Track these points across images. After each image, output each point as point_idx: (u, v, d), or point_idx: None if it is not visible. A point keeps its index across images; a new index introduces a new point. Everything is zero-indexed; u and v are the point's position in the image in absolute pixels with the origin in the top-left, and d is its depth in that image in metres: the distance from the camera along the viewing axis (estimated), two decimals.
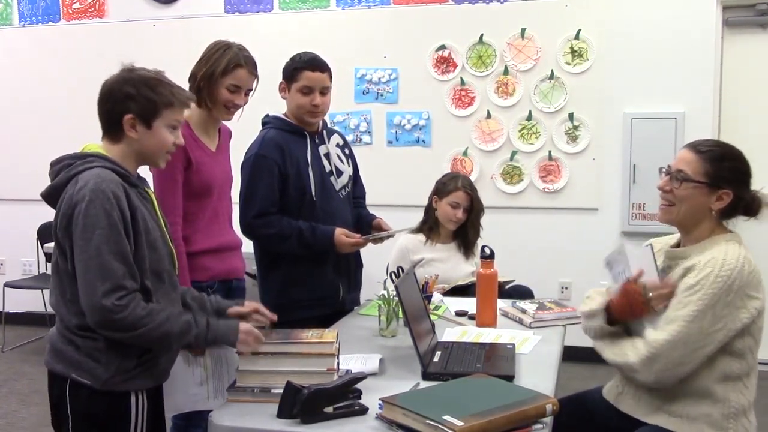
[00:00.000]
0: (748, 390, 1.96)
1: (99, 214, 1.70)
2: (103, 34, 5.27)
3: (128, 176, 1.83)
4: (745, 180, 2.01)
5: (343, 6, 4.94)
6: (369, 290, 3.03)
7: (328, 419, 1.68)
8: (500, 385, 1.81)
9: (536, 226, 4.74)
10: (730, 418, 1.92)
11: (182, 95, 1.88)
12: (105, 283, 1.69)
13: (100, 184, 1.72)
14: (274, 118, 2.77)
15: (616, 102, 4.55)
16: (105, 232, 1.70)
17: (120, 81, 1.83)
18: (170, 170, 2.42)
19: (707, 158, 1.98)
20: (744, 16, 4.52)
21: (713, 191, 1.97)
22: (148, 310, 1.75)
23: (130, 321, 1.71)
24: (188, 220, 2.49)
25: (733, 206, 1.99)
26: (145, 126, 1.83)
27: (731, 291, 1.86)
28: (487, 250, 2.61)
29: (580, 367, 3.99)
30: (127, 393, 1.81)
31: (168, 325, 1.77)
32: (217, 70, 2.47)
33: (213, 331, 1.84)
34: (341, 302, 2.82)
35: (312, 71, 2.66)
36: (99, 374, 1.76)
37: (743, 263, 1.89)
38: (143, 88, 1.81)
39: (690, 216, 2.00)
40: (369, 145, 4.93)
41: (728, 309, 1.86)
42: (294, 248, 2.66)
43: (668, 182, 2.01)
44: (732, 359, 1.92)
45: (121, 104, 1.81)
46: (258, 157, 2.66)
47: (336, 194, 2.80)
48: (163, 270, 1.87)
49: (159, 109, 1.83)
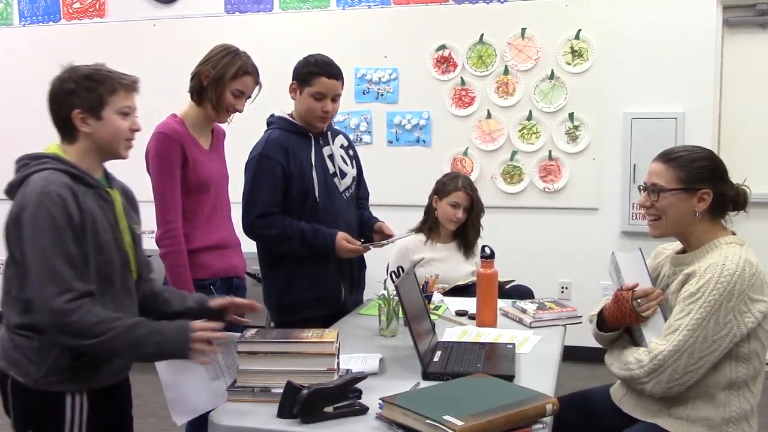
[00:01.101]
0: (753, 395, 1.94)
1: (45, 217, 1.70)
2: (103, 34, 5.26)
3: (84, 177, 1.82)
4: (720, 175, 2.00)
5: (343, 6, 4.94)
6: (369, 290, 3.02)
7: (328, 419, 1.68)
8: (500, 385, 1.81)
9: (536, 226, 4.74)
10: (730, 423, 1.91)
11: (126, 79, 1.87)
12: (54, 286, 1.69)
13: (46, 187, 1.73)
14: (279, 118, 2.77)
15: (616, 102, 4.55)
16: (51, 235, 1.70)
17: (60, 80, 1.84)
18: (169, 168, 2.44)
19: (677, 164, 1.99)
20: (744, 16, 4.52)
21: (692, 194, 1.97)
22: (99, 319, 1.72)
23: (79, 327, 1.69)
24: (187, 217, 2.51)
25: (718, 204, 1.98)
26: (95, 118, 1.82)
27: (733, 296, 1.84)
28: (487, 250, 2.61)
29: (580, 367, 4.00)
30: (61, 393, 1.80)
31: (115, 342, 1.73)
32: (227, 74, 2.49)
33: (164, 349, 1.79)
34: (343, 303, 2.81)
35: (328, 78, 2.66)
36: (31, 373, 1.77)
37: (744, 266, 1.86)
38: (83, 81, 1.82)
39: (678, 223, 2.00)
40: (369, 145, 4.93)
41: (732, 315, 1.84)
42: (296, 249, 2.66)
43: (647, 198, 2.02)
44: (738, 364, 1.90)
45: (66, 102, 1.82)
46: (262, 158, 2.66)
47: (339, 195, 2.80)
48: (112, 273, 1.84)
49: (104, 98, 1.82)
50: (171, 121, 2.52)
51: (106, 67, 1.89)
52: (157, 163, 2.46)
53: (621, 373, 2.00)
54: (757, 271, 1.89)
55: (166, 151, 2.44)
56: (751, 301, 1.86)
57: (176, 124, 2.51)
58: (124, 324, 1.75)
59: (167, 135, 2.45)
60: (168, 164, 2.44)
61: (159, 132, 2.47)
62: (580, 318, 2.61)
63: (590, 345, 2.23)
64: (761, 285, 1.88)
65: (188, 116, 2.56)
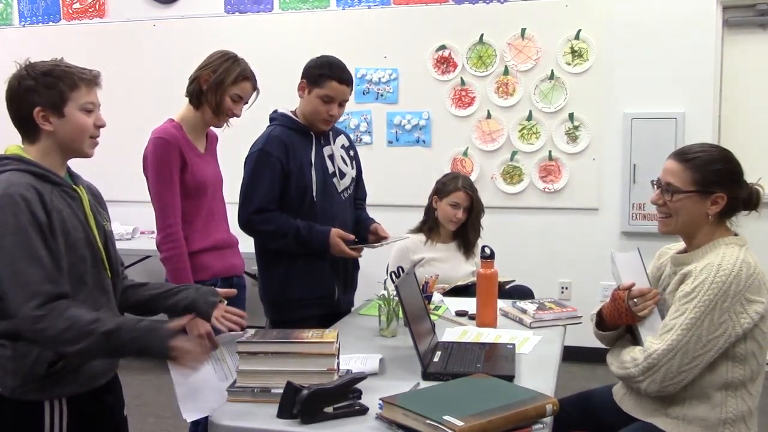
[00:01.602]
0: (752, 396, 1.94)
1: (8, 220, 1.65)
2: (103, 34, 5.26)
3: (48, 175, 1.76)
4: (736, 179, 1.99)
5: (343, 6, 4.94)
6: (369, 290, 3.03)
7: (328, 419, 1.68)
8: (500, 385, 1.81)
9: (536, 226, 4.74)
10: (726, 424, 1.91)
11: (87, 74, 1.80)
12: (22, 291, 1.64)
13: (8, 189, 1.67)
14: (282, 115, 2.78)
15: (616, 102, 4.55)
16: (16, 238, 1.64)
17: (18, 78, 1.77)
18: (167, 172, 2.46)
19: (693, 166, 1.97)
20: (744, 16, 4.52)
21: (706, 197, 1.96)
22: (71, 323, 1.64)
23: (51, 333, 1.63)
24: (186, 220, 2.53)
25: (730, 206, 1.98)
26: (57, 115, 1.76)
27: (728, 296, 1.84)
28: (487, 250, 2.61)
29: (580, 367, 4.00)
30: (39, 402, 1.74)
31: (93, 350, 1.68)
32: (228, 79, 2.51)
33: (145, 356, 1.73)
34: (336, 303, 2.82)
35: (339, 83, 2.66)
36: (7, 383, 1.72)
37: (740, 267, 1.86)
38: (43, 78, 1.75)
39: (689, 224, 1.99)
40: (369, 145, 4.93)
41: (727, 315, 1.84)
42: (291, 246, 2.66)
43: (660, 196, 2.02)
44: (734, 364, 1.90)
45: (26, 100, 1.75)
46: (262, 153, 2.66)
47: (338, 196, 2.80)
48: (84, 272, 1.78)
49: (65, 94, 1.75)
50: (168, 125, 2.54)
51: (65, 62, 1.83)
52: (155, 167, 2.47)
53: (618, 372, 2.01)
54: (755, 272, 1.88)
55: (165, 156, 2.46)
56: (747, 301, 1.85)
57: (174, 128, 2.52)
58: (100, 331, 1.66)
59: (165, 140, 2.47)
60: (167, 168, 2.46)
61: (157, 137, 2.49)
62: (580, 318, 2.61)
63: (590, 345, 2.23)
64: (759, 286, 1.88)
65: (186, 120, 2.58)
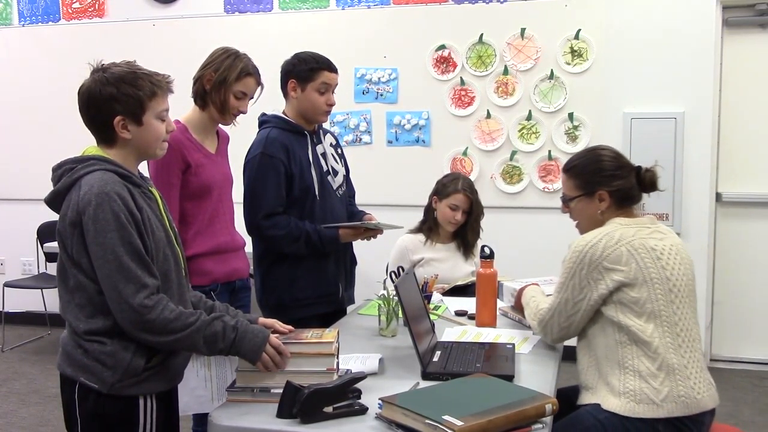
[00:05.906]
0: (650, 359, 1.97)
1: (108, 217, 1.68)
2: (103, 34, 5.27)
3: (131, 176, 1.80)
4: (612, 174, 2.16)
5: (343, 6, 4.94)
6: (369, 290, 3.03)
7: (327, 419, 1.68)
8: (500, 385, 1.81)
9: (536, 226, 4.74)
10: (627, 383, 1.97)
11: (163, 81, 1.83)
12: (128, 284, 1.68)
13: (104, 187, 1.70)
14: (274, 117, 2.76)
15: (616, 102, 4.55)
16: (117, 234, 1.69)
17: (98, 83, 1.77)
18: (166, 174, 2.45)
19: (573, 174, 2.21)
20: (744, 16, 4.52)
21: (592, 197, 2.17)
22: (177, 314, 1.73)
23: (161, 323, 1.70)
24: (187, 222, 2.51)
25: (621, 197, 2.15)
26: (135, 124, 1.78)
27: (584, 265, 2.04)
28: (487, 250, 2.61)
29: None
30: (135, 397, 1.78)
31: (196, 337, 1.75)
32: (231, 77, 2.51)
33: (237, 347, 1.80)
34: (340, 300, 2.83)
35: (329, 71, 2.71)
36: (106, 378, 1.73)
37: (600, 239, 2.04)
38: (124, 86, 1.75)
39: (591, 223, 2.17)
40: (369, 144, 4.93)
41: (586, 281, 2.05)
42: (302, 250, 2.67)
43: (563, 207, 2.27)
44: (616, 330, 2.02)
45: (106, 108, 1.76)
46: (264, 157, 2.64)
47: (334, 193, 2.81)
48: (168, 270, 1.83)
49: (145, 103, 1.77)
50: None
51: (138, 66, 1.83)
52: (155, 170, 2.47)
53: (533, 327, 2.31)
54: (617, 244, 2.03)
55: (165, 159, 2.44)
56: (605, 270, 2.02)
57: (177, 131, 2.51)
58: (203, 319, 1.76)
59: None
60: (166, 172, 2.46)
61: None
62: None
63: None
64: (619, 256, 2.02)
65: (192, 121, 2.57)
